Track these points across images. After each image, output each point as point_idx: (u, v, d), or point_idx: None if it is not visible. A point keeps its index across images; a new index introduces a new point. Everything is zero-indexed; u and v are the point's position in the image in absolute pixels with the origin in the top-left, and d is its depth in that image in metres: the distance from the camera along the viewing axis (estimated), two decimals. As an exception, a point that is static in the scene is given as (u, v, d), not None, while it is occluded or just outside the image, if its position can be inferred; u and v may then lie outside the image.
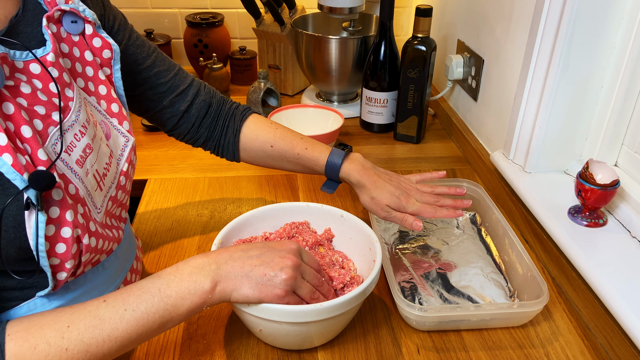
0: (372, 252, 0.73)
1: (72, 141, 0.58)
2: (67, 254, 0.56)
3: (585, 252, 0.77)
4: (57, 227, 0.55)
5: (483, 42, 1.14)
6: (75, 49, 0.62)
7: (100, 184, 0.63)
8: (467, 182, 0.99)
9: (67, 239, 0.56)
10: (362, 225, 0.77)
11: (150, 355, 0.71)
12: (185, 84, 0.83)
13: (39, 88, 0.56)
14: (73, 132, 0.58)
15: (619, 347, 0.70)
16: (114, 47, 0.66)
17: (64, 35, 0.61)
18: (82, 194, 0.59)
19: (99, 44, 0.65)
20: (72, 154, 0.58)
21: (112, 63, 0.67)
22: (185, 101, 0.82)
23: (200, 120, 0.85)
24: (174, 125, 0.84)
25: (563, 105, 0.90)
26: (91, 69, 0.64)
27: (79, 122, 0.59)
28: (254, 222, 0.80)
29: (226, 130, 0.87)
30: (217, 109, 0.87)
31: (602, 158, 0.91)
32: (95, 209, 0.62)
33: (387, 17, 1.20)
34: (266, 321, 0.64)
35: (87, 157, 0.60)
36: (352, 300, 0.65)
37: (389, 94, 1.27)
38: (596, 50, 0.85)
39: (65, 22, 0.61)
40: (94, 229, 0.60)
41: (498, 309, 0.74)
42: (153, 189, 1.07)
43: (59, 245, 0.56)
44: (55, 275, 0.57)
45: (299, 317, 0.63)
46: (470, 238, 0.93)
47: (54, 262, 0.56)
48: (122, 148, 0.68)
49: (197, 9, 1.59)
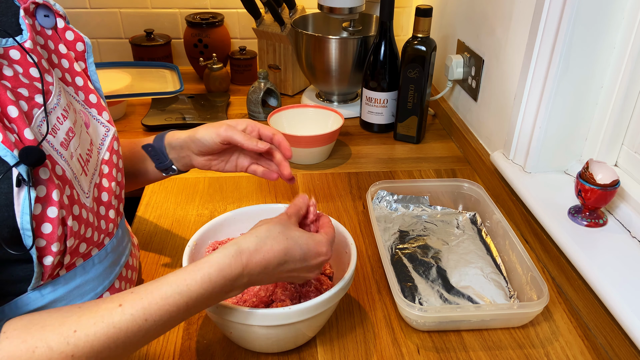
0: (348, 255, 0.73)
1: (56, 124, 0.59)
2: (53, 235, 0.55)
3: (585, 252, 0.77)
4: (44, 206, 0.55)
5: (483, 42, 1.14)
6: (50, 42, 0.64)
7: (84, 168, 0.63)
8: (467, 182, 0.99)
9: (53, 219, 0.55)
10: (339, 227, 0.76)
11: (150, 356, 0.71)
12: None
13: (20, 72, 0.57)
14: (56, 114, 0.59)
15: (619, 347, 0.70)
16: (86, 40, 0.68)
17: (39, 29, 0.63)
18: (69, 176, 0.59)
19: (71, 37, 0.67)
20: (56, 136, 0.59)
21: (85, 56, 0.68)
22: None
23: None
24: None
25: (563, 105, 0.90)
26: (67, 61, 0.66)
27: (60, 106, 0.60)
28: (232, 223, 0.80)
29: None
30: None
31: (602, 158, 0.91)
32: (83, 192, 0.62)
33: (387, 17, 1.20)
34: (234, 324, 0.64)
35: (70, 140, 0.61)
36: (322, 303, 0.64)
37: (389, 94, 1.27)
38: (596, 50, 0.85)
39: (39, 15, 0.63)
40: (78, 212, 0.60)
41: (498, 309, 0.74)
42: (153, 189, 1.07)
43: (45, 225, 0.55)
44: (41, 260, 0.56)
45: (267, 321, 0.63)
46: (470, 238, 0.93)
47: (40, 244, 0.55)
48: (102, 137, 0.69)
49: (197, 9, 1.59)
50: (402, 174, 1.15)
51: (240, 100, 1.46)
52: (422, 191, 1.02)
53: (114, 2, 1.57)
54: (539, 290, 0.75)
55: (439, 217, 0.99)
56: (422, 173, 1.15)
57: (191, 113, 1.33)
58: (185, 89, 1.50)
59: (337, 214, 1.01)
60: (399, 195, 1.01)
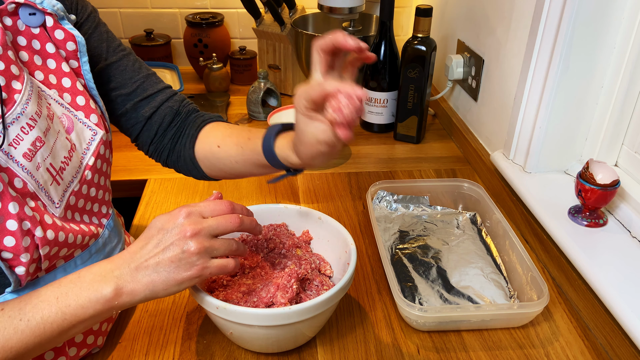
0: (348, 255, 0.73)
1: (19, 134, 0.57)
2: (18, 247, 0.55)
3: (585, 252, 0.77)
4: (1, 220, 0.54)
5: (483, 42, 1.14)
6: (35, 41, 0.62)
7: (56, 178, 0.61)
8: (467, 182, 0.99)
9: (14, 232, 0.55)
10: (339, 227, 0.76)
11: (150, 355, 0.71)
12: (154, 89, 0.76)
13: None
14: (19, 124, 0.57)
15: (619, 347, 0.70)
16: (78, 38, 0.64)
17: (22, 28, 0.60)
18: (31, 188, 0.58)
19: (61, 36, 0.64)
20: (18, 147, 0.57)
21: (78, 55, 0.65)
22: (150, 107, 0.75)
23: (164, 129, 0.77)
24: (137, 134, 0.77)
25: (563, 105, 0.90)
26: (53, 62, 0.63)
27: (25, 115, 0.58)
28: None
29: (184, 140, 0.78)
30: (185, 118, 0.78)
31: (602, 158, 0.91)
32: (52, 203, 0.61)
33: (387, 17, 1.20)
34: (234, 324, 0.64)
35: (37, 150, 0.59)
36: (322, 303, 0.64)
37: (389, 94, 1.27)
38: (596, 50, 0.85)
39: (23, 14, 0.60)
40: (51, 222, 0.59)
41: (498, 309, 0.74)
42: (153, 189, 1.07)
43: (7, 238, 0.55)
44: (13, 270, 0.57)
45: (267, 321, 0.62)
46: (471, 238, 0.93)
47: (5, 256, 0.56)
48: (88, 142, 0.66)
49: (197, 9, 1.59)
50: (402, 174, 1.15)
51: (240, 100, 1.46)
52: (422, 191, 1.02)
53: (114, 2, 1.57)
54: (539, 290, 0.75)
55: (439, 217, 0.99)
56: (422, 173, 1.15)
57: (191, 113, 1.33)
58: (185, 89, 1.50)
59: (337, 214, 1.01)
60: (399, 195, 1.01)
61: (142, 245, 0.59)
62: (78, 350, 0.68)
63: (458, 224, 0.97)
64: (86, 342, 0.69)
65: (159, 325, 0.76)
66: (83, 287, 0.56)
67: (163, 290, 0.58)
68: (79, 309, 0.55)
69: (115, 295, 0.56)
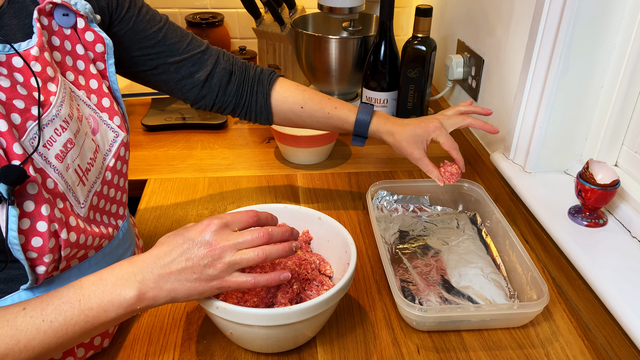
0: (348, 255, 0.73)
1: (52, 136, 0.58)
2: (44, 247, 0.56)
3: (585, 252, 0.77)
4: (32, 221, 0.55)
5: (483, 42, 1.14)
6: (67, 42, 0.63)
7: (82, 178, 0.62)
8: (467, 182, 0.99)
9: (43, 233, 0.56)
10: (339, 227, 0.77)
11: (150, 355, 0.71)
12: (200, 51, 0.83)
13: (20, 82, 0.56)
14: (53, 126, 0.58)
15: (619, 347, 0.70)
16: (106, 41, 0.66)
17: (56, 28, 0.61)
18: (61, 189, 0.59)
19: (91, 38, 0.65)
20: (51, 149, 0.58)
21: (105, 57, 0.66)
22: (204, 70, 0.83)
23: (225, 88, 0.86)
24: (196, 97, 0.85)
25: (563, 105, 0.90)
26: (82, 63, 0.64)
27: (59, 117, 0.59)
28: None
29: (256, 96, 0.88)
30: (240, 75, 0.88)
31: (602, 158, 0.91)
32: (78, 203, 0.62)
33: (387, 17, 1.20)
34: (234, 324, 0.64)
35: (68, 152, 0.60)
36: (322, 303, 0.64)
37: (389, 94, 1.27)
38: (596, 50, 0.85)
39: (57, 14, 0.61)
40: (75, 223, 0.60)
41: (498, 309, 0.74)
42: (153, 189, 1.07)
43: (35, 239, 0.56)
44: (34, 269, 0.57)
45: (267, 321, 0.62)
46: (471, 238, 0.93)
47: (31, 256, 0.56)
48: (110, 143, 0.68)
49: (197, 9, 1.59)
50: (402, 174, 1.15)
51: (240, 100, 1.45)
52: (422, 191, 1.02)
53: None
54: (539, 290, 0.75)
55: (439, 217, 0.99)
56: (422, 173, 1.15)
57: (191, 113, 1.33)
58: (185, 89, 1.50)
59: (337, 214, 1.01)
60: (399, 195, 1.01)
61: (167, 252, 0.59)
62: (86, 351, 0.68)
63: (458, 224, 0.97)
64: (93, 344, 0.69)
65: (158, 326, 0.76)
66: (106, 290, 0.56)
67: (184, 298, 0.60)
68: (101, 312, 0.56)
69: (137, 300, 0.57)
